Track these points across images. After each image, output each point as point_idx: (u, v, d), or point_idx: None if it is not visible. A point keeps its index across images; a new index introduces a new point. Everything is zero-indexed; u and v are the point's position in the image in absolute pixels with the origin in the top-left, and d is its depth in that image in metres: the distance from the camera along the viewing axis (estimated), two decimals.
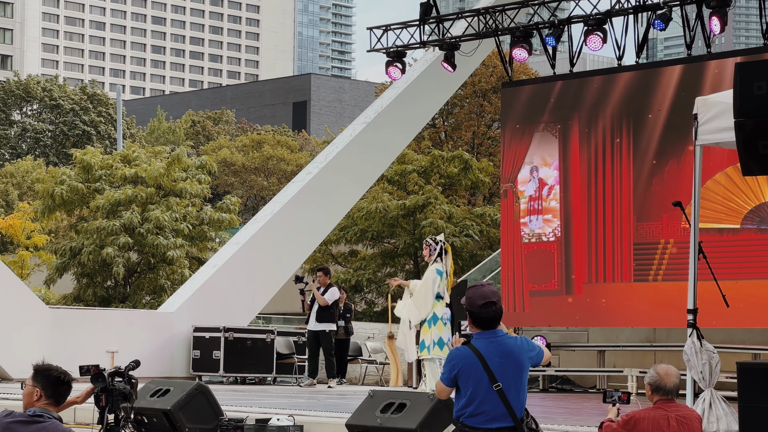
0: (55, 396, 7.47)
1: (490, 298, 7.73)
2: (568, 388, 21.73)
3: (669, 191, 19.67)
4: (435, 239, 17.59)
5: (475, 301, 7.73)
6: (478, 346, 7.70)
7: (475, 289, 7.79)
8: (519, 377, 7.77)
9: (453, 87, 27.43)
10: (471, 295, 7.76)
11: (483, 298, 7.72)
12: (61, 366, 7.65)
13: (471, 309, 7.73)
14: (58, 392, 7.45)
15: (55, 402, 7.44)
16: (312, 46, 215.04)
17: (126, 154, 36.85)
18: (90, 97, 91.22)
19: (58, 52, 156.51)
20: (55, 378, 7.47)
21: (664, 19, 19.66)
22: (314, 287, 21.68)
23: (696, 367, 11.79)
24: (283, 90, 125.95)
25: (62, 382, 7.49)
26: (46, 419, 7.25)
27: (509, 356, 7.72)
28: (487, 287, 7.80)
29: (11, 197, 68.50)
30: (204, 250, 35.47)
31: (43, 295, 35.35)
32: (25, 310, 21.71)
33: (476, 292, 7.76)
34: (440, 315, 17.32)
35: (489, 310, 7.72)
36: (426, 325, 17.30)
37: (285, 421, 12.88)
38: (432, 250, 17.48)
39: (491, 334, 7.74)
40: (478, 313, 7.73)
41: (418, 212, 34.86)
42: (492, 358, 7.66)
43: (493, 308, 7.73)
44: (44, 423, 7.22)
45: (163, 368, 22.24)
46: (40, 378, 7.48)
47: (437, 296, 17.30)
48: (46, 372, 7.49)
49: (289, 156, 78.07)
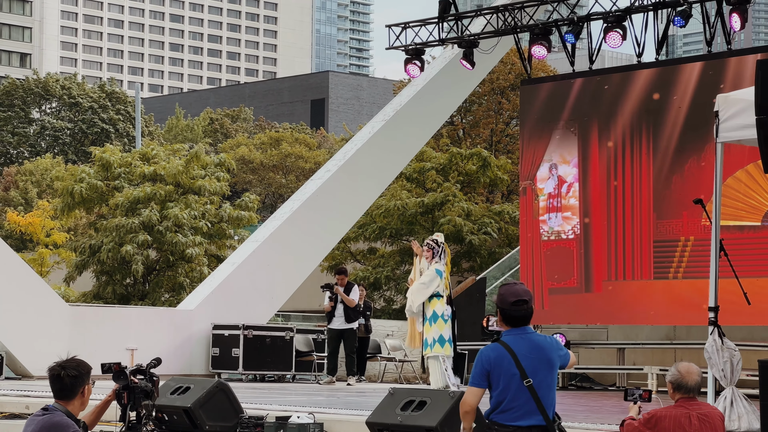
0: (55, 391, 7.71)
1: (522, 296, 7.74)
2: (588, 386, 21.69)
3: (689, 188, 19.63)
4: (437, 241, 17.84)
5: (507, 298, 7.75)
6: (507, 341, 7.71)
7: (508, 286, 7.81)
8: (550, 374, 7.74)
9: (471, 84, 27.40)
10: (503, 292, 7.78)
11: (515, 295, 7.73)
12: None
13: (502, 306, 7.75)
14: (54, 388, 7.70)
15: (61, 396, 7.62)
16: (330, 44, 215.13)
17: (145, 151, 36.90)
18: (109, 95, 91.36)
19: (76, 50, 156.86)
20: (50, 375, 7.73)
21: (684, 15, 19.60)
22: (340, 290, 21.74)
23: (717, 364, 11.76)
24: (301, 87, 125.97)
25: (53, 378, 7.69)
26: (51, 412, 7.59)
27: (540, 352, 7.71)
28: (519, 285, 7.83)
29: (31, 195, 68.68)
30: (223, 248, 35.51)
31: (62, 292, 35.41)
32: (45, 308, 21.77)
33: (509, 289, 7.78)
34: (440, 313, 17.56)
35: (520, 308, 7.74)
36: (427, 324, 17.54)
37: (305, 418, 12.87)
38: (435, 252, 17.73)
39: (521, 330, 7.75)
40: (510, 310, 7.74)
41: (437, 210, 34.83)
42: (523, 353, 7.65)
43: (525, 306, 7.75)
44: (45, 416, 7.57)
45: (183, 366, 22.27)
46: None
47: (437, 295, 17.55)
48: (49, 370, 7.74)
49: (308, 153, 78.08)
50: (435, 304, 17.54)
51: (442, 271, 17.60)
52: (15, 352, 21.26)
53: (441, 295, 17.58)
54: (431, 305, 17.54)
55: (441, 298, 17.58)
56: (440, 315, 17.55)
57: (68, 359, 7.74)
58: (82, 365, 7.74)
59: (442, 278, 17.60)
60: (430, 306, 17.55)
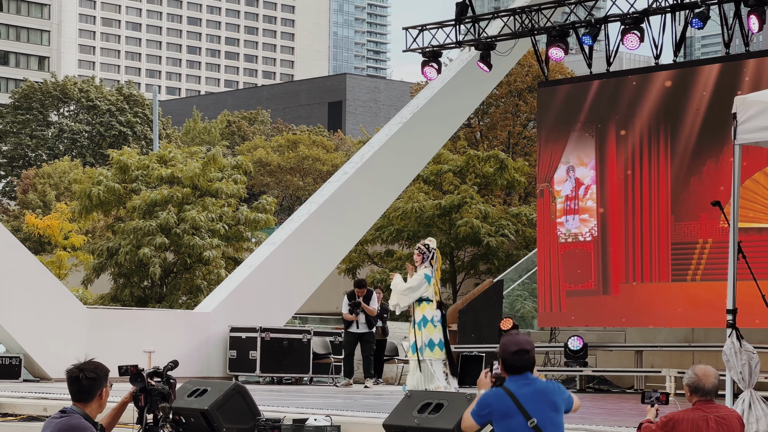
0: (73, 394, 7.72)
1: (524, 347, 7.87)
2: (606, 389, 21.63)
3: (707, 191, 19.57)
4: (428, 246, 18.00)
5: (508, 348, 7.88)
6: (510, 387, 7.82)
7: (510, 337, 7.94)
8: (554, 417, 7.83)
9: (489, 87, 27.38)
10: (505, 342, 7.91)
11: (516, 345, 7.87)
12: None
13: (504, 356, 7.89)
14: (72, 390, 7.72)
15: (79, 399, 7.64)
16: (347, 46, 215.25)
17: (162, 154, 36.95)
18: (126, 97, 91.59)
19: (94, 54, 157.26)
20: (68, 378, 7.74)
21: (702, 17, 19.54)
22: (366, 306, 21.90)
23: (735, 367, 11.72)
24: (319, 90, 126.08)
25: (71, 381, 7.71)
26: (69, 415, 7.60)
27: (542, 395, 7.82)
28: (521, 336, 7.96)
29: (49, 198, 68.87)
30: (240, 251, 35.53)
31: (80, 295, 35.49)
32: (63, 311, 21.83)
33: (510, 339, 7.91)
34: (430, 317, 17.75)
35: (522, 358, 7.86)
36: (416, 328, 17.72)
37: (322, 421, 12.87)
38: (425, 257, 17.88)
39: (523, 377, 7.87)
40: (511, 360, 7.87)
41: (454, 212, 34.80)
42: (524, 396, 7.76)
43: (526, 356, 7.87)
44: (63, 418, 7.59)
45: (200, 368, 22.30)
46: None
47: (426, 299, 17.73)
48: (67, 372, 7.76)
49: (325, 156, 78.12)
50: (425, 308, 17.72)
51: (431, 276, 17.76)
52: (33, 355, 21.32)
53: (431, 300, 17.77)
54: (420, 309, 17.73)
55: (431, 303, 17.77)
56: (430, 319, 17.74)
57: (86, 362, 7.75)
58: (100, 368, 7.76)
59: (431, 283, 17.77)
60: (419, 310, 17.76)
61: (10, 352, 21.48)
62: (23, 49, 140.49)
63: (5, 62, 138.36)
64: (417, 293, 17.68)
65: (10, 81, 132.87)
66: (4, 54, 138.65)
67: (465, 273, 35.80)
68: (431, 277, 17.74)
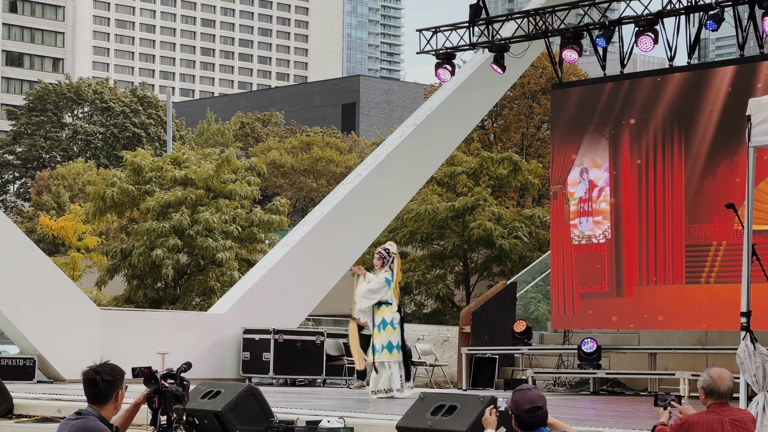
0: (89, 396, 7.74)
1: (537, 403, 7.95)
2: (619, 391, 21.59)
3: (721, 193, 19.53)
4: (388, 250, 18.37)
5: (521, 405, 7.93)
6: None
7: (522, 393, 8.00)
8: None
9: (502, 89, 27.35)
10: (518, 399, 7.97)
11: (530, 403, 7.93)
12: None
13: (517, 412, 7.95)
14: (89, 393, 7.75)
15: (95, 401, 7.64)
16: (361, 48, 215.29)
17: (176, 156, 37.01)
18: (140, 99, 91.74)
19: (108, 55, 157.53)
20: (84, 380, 7.76)
21: (716, 19, 19.50)
22: None
23: (749, 370, 11.69)
24: (332, 91, 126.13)
25: (87, 383, 7.73)
26: (85, 417, 7.63)
27: None
28: (533, 391, 8.03)
29: (63, 199, 69.01)
30: (253, 252, 35.56)
31: (94, 296, 35.56)
32: (77, 312, 21.86)
33: (523, 396, 7.97)
34: (389, 320, 18.15)
35: (535, 415, 7.94)
36: (376, 330, 18.13)
37: (335, 423, 12.87)
38: (385, 261, 18.27)
39: None
40: (524, 417, 7.94)
41: (468, 214, 34.79)
42: None
43: (539, 413, 7.95)
44: (79, 420, 7.61)
45: (213, 370, 22.31)
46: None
47: (386, 303, 18.13)
48: (83, 374, 7.78)
49: (338, 158, 78.15)
50: (384, 311, 18.13)
51: (391, 280, 18.14)
52: (47, 356, 21.35)
53: (390, 303, 18.19)
54: (380, 312, 18.14)
55: (390, 306, 18.19)
56: (389, 322, 18.16)
57: (102, 364, 7.76)
58: (116, 370, 7.77)
59: (390, 287, 18.15)
60: (379, 313, 18.17)
61: (24, 354, 21.52)
62: (37, 50, 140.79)
63: (20, 64, 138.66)
64: (377, 296, 18.09)
65: (25, 83, 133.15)
66: (18, 56, 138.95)
67: (478, 275, 35.79)
68: (391, 281, 18.14)
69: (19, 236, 21.88)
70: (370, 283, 18.17)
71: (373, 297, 18.07)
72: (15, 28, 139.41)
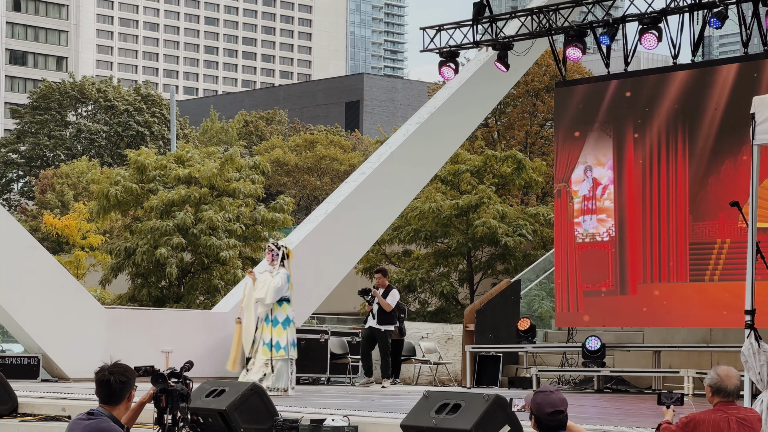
0: (102, 396, 7.74)
1: (559, 407, 7.96)
2: (624, 389, 21.59)
3: (725, 191, 19.52)
4: (277, 245, 18.33)
5: (544, 408, 7.94)
6: None
7: (545, 395, 8.00)
8: None
9: (506, 87, 27.34)
10: (540, 402, 7.97)
11: (552, 406, 7.94)
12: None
13: (539, 415, 7.96)
14: (102, 393, 7.75)
15: (108, 402, 7.63)
16: (364, 46, 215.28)
17: (180, 154, 36.99)
18: (144, 97, 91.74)
19: (112, 54, 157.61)
20: (97, 380, 7.77)
21: (720, 17, 19.48)
22: (377, 293, 21.74)
23: (754, 368, 11.68)
24: (336, 90, 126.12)
25: (101, 383, 7.74)
26: (98, 417, 7.62)
27: None
28: (555, 394, 8.01)
29: (67, 198, 69.02)
30: (257, 250, 35.53)
31: (98, 295, 35.56)
32: (81, 311, 21.87)
33: (545, 399, 7.97)
34: (292, 317, 18.39)
35: (557, 419, 7.96)
36: (280, 327, 18.22)
37: (340, 421, 12.87)
38: (275, 255, 18.40)
39: None
40: (547, 420, 7.96)
41: (472, 212, 34.78)
42: None
43: (560, 416, 7.96)
44: (92, 420, 7.61)
45: (218, 368, 22.29)
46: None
47: (287, 300, 18.28)
48: (97, 375, 7.78)
49: (342, 156, 78.13)
50: (286, 308, 18.29)
51: (290, 275, 18.28)
52: (51, 355, 21.36)
53: (289, 300, 18.34)
54: (283, 310, 18.29)
55: (290, 303, 18.35)
56: (292, 319, 18.36)
57: (115, 364, 7.75)
58: (129, 371, 7.78)
59: (289, 282, 18.29)
60: (281, 310, 18.33)
61: (29, 352, 21.53)
62: (41, 49, 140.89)
63: (23, 62, 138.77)
64: (281, 293, 18.18)
65: (28, 81, 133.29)
66: (22, 54, 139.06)
67: (482, 273, 35.79)
68: (290, 276, 18.26)
69: (24, 235, 21.89)
70: (274, 280, 18.13)
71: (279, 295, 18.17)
72: (19, 26, 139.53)
